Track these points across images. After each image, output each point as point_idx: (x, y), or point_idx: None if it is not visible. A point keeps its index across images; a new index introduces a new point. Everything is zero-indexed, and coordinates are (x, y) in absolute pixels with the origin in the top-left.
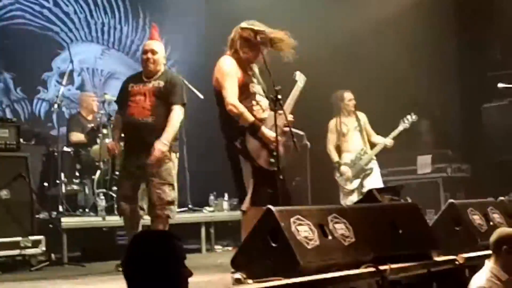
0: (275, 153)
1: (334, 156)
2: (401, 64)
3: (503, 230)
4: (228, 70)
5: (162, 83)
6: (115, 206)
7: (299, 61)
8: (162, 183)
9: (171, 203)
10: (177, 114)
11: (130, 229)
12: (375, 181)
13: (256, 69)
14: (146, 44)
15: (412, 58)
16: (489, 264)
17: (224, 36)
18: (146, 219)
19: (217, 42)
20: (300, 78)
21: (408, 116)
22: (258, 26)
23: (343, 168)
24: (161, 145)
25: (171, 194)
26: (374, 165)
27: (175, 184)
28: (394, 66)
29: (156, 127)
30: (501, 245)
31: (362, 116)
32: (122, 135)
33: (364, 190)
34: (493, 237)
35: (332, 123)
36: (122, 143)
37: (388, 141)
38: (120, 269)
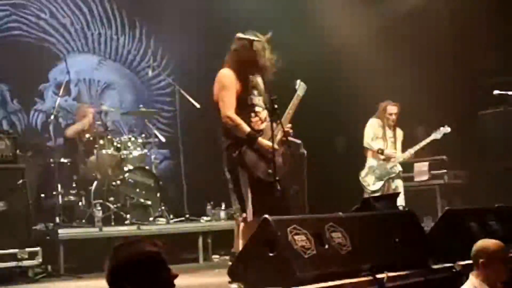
0: (272, 164)
1: (374, 146)
2: (398, 71)
3: (480, 243)
4: (225, 83)
5: None
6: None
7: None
8: None
9: None
10: None
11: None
12: (400, 184)
13: (259, 79)
14: None
15: (409, 64)
16: (472, 278)
17: (222, 46)
18: None
19: (214, 52)
20: (301, 87)
21: (442, 128)
22: (255, 36)
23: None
24: None
25: None
26: (400, 168)
27: None
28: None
29: None
30: (478, 259)
31: (399, 133)
32: None
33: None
34: (472, 251)
35: (372, 122)
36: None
37: (409, 153)
38: None
